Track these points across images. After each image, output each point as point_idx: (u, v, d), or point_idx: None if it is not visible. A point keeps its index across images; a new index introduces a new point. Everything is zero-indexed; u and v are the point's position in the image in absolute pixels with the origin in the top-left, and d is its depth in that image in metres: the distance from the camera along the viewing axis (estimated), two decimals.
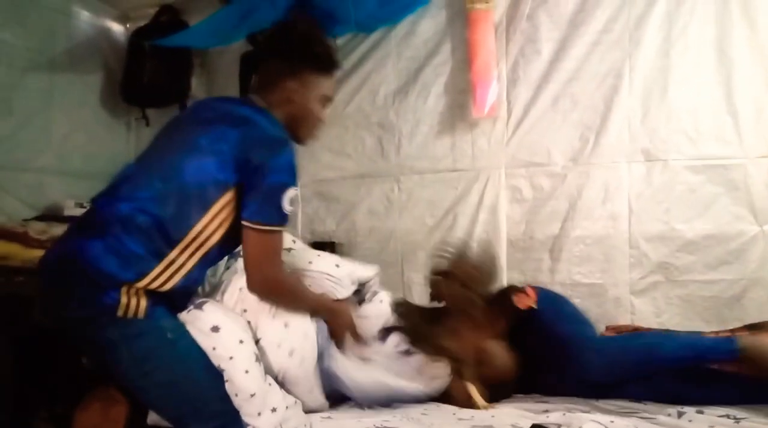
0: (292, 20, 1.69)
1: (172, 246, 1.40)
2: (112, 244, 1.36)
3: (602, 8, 2.51)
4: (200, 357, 1.47)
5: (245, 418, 1.49)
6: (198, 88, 3.09)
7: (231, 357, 1.49)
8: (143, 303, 1.37)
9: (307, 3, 2.65)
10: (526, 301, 1.80)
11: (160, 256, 1.39)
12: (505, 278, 2.60)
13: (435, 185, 2.75)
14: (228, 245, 1.53)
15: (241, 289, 1.65)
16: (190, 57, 3.05)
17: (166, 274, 1.40)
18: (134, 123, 3.23)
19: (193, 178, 1.44)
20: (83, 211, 2.69)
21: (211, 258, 1.50)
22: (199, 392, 1.44)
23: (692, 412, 1.64)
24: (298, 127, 1.67)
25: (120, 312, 1.34)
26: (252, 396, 1.49)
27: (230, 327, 1.53)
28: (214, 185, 1.44)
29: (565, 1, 2.56)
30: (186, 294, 1.52)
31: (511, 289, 1.92)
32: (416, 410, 1.73)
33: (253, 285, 1.53)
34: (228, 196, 1.46)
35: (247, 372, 1.50)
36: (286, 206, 1.46)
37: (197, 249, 1.44)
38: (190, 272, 1.44)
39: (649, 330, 2.14)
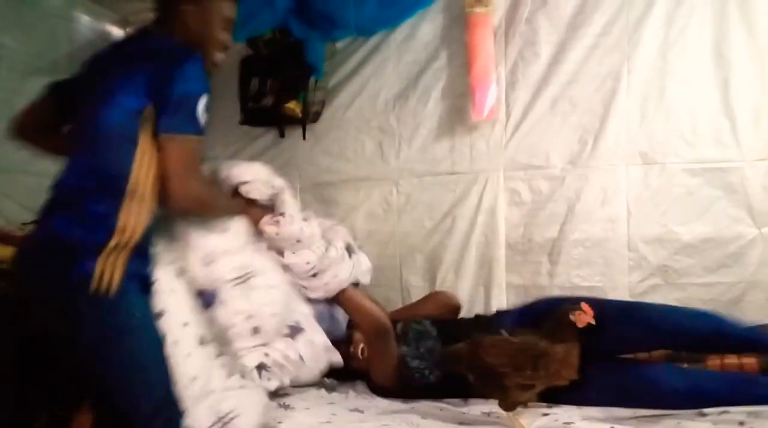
0: None
1: (124, 192, 1.41)
2: (74, 214, 1.40)
3: (601, 11, 2.51)
4: (160, 343, 1.46)
5: (187, 403, 1.46)
6: None
7: (175, 342, 1.49)
8: (117, 275, 1.36)
9: (306, 6, 2.67)
10: (585, 318, 1.64)
11: (119, 207, 1.40)
12: (503, 282, 2.62)
13: (434, 188, 2.75)
14: None
15: None
16: None
17: (131, 222, 1.41)
18: None
19: (113, 120, 1.44)
20: None
21: None
22: (156, 379, 1.43)
23: (692, 413, 1.64)
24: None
25: (94, 284, 1.34)
26: (193, 379, 1.48)
27: (174, 310, 1.53)
28: (133, 116, 1.43)
29: (564, 4, 2.56)
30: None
31: (567, 311, 1.68)
32: (416, 416, 1.72)
33: (177, 200, 1.47)
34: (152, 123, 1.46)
35: (189, 355, 1.50)
36: (200, 115, 1.45)
37: (150, 185, 1.44)
38: (151, 211, 1.45)
39: None
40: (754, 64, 2.36)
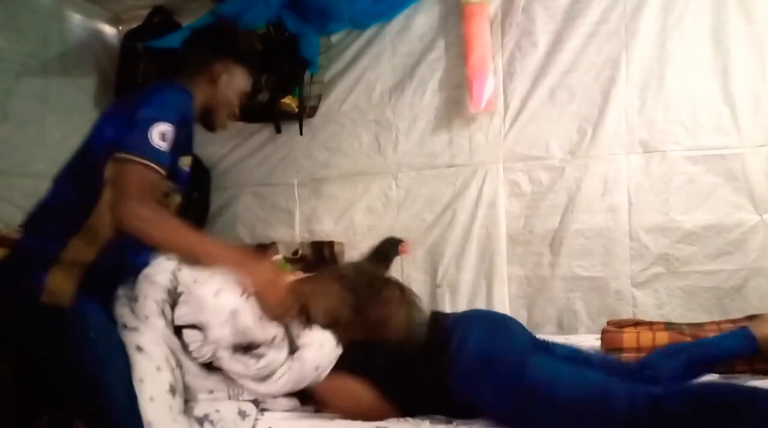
0: (218, 21, 1.84)
1: (86, 216, 1.43)
2: (37, 230, 1.46)
3: None
4: (120, 366, 1.42)
5: None
6: None
7: (141, 380, 1.45)
8: (69, 288, 1.39)
9: (300, 0, 2.65)
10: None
11: (75, 228, 1.42)
12: (505, 274, 2.61)
13: (433, 181, 2.74)
14: None
15: None
16: None
17: (83, 242, 1.42)
18: None
19: (92, 144, 1.48)
20: None
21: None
22: (107, 402, 1.40)
23: None
24: (214, 114, 1.69)
25: (44, 298, 1.37)
26: (148, 424, 1.42)
27: (152, 350, 1.47)
28: (106, 144, 1.43)
29: None
30: (115, 272, 1.50)
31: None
32: None
33: (116, 218, 1.40)
34: None
35: (151, 399, 1.44)
36: (155, 139, 1.40)
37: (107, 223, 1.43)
38: (111, 242, 1.43)
39: (651, 323, 2.13)
40: (753, 51, 2.34)
